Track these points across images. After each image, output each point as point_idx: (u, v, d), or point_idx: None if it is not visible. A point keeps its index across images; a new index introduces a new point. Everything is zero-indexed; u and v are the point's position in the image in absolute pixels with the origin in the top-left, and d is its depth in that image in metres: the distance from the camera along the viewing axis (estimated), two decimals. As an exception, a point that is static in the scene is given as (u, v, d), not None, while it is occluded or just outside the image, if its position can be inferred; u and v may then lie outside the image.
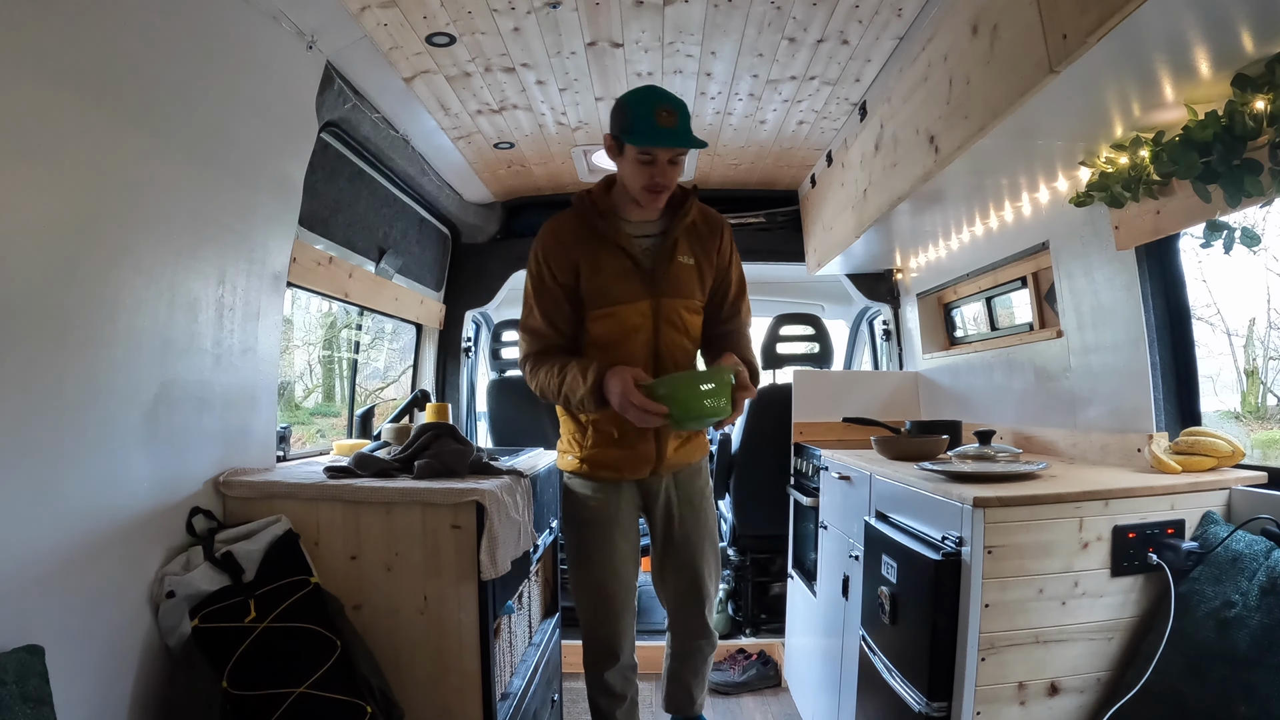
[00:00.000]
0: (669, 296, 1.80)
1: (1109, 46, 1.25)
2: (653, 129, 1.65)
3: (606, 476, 1.90)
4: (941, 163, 1.88)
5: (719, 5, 1.96)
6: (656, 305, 1.79)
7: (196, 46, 1.52)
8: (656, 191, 1.72)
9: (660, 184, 1.71)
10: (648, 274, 1.79)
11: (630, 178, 1.74)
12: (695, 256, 1.84)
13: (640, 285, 1.78)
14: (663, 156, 1.69)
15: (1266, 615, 1.29)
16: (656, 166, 1.69)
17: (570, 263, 1.78)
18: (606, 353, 1.77)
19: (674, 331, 1.82)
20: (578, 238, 1.79)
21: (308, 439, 4.34)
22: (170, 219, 1.52)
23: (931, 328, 3.19)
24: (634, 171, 1.72)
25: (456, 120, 2.65)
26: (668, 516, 1.95)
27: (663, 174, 1.70)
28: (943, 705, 1.52)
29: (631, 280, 1.78)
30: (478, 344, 4.01)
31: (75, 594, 1.29)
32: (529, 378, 1.84)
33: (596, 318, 1.80)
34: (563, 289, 1.79)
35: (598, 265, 1.78)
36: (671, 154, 1.70)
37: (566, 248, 1.78)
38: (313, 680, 1.46)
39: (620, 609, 1.95)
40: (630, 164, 1.72)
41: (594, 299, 1.79)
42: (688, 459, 1.95)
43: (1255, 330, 2.78)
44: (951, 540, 1.54)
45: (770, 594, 3.43)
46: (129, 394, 1.44)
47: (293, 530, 1.66)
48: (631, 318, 1.78)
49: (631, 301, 1.78)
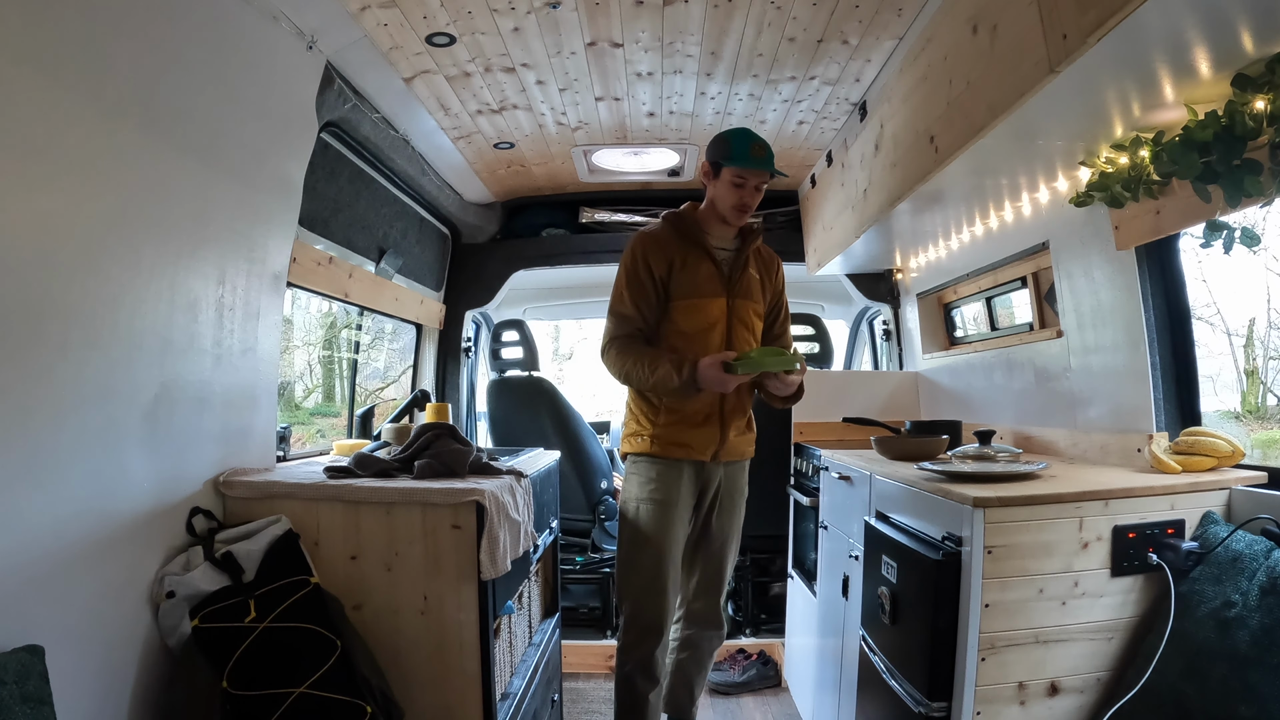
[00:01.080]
0: (741, 298, 2.12)
1: (1109, 46, 1.25)
2: (748, 156, 2.02)
3: (675, 454, 2.08)
4: (941, 163, 1.88)
5: (719, 5, 1.97)
6: (732, 304, 2.10)
7: (196, 47, 1.52)
8: (743, 210, 2.06)
9: (748, 204, 2.05)
10: (726, 278, 2.11)
11: (723, 198, 2.06)
12: (759, 273, 2.19)
13: (720, 285, 2.10)
14: (752, 181, 2.03)
15: (1266, 615, 1.29)
16: (746, 189, 2.04)
17: (666, 259, 2.07)
18: (687, 340, 2.05)
19: (743, 328, 2.12)
20: (673, 242, 2.10)
21: (308, 439, 4.34)
22: (170, 219, 1.52)
23: (931, 328, 3.19)
24: (727, 192, 2.05)
25: (456, 120, 2.65)
26: (714, 505, 2.15)
27: (750, 195, 2.05)
28: (943, 705, 1.52)
29: (714, 281, 2.09)
30: (478, 344, 4.01)
31: (75, 594, 1.30)
32: (613, 360, 2.06)
33: (682, 308, 2.08)
34: (655, 282, 2.08)
35: (689, 264, 2.08)
36: (759, 180, 2.04)
37: (664, 247, 2.08)
38: (313, 680, 1.46)
39: (670, 588, 2.09)
40: (725, 186, 2.05)
41: (683, 291, 2.07)
42: (743, 451, 2.18)
43: (1255, 330, 2.78)
44: (951, 540, 1.53)
45: (770, 594, 3.43)
46: (129, 394, 1.44)
47: (293, 530, 1.66)
48: (711, 310, 2.08)
49: (713, 297, 2.08)
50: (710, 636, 2.22)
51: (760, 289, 2.18)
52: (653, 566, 2.06)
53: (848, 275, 3.53)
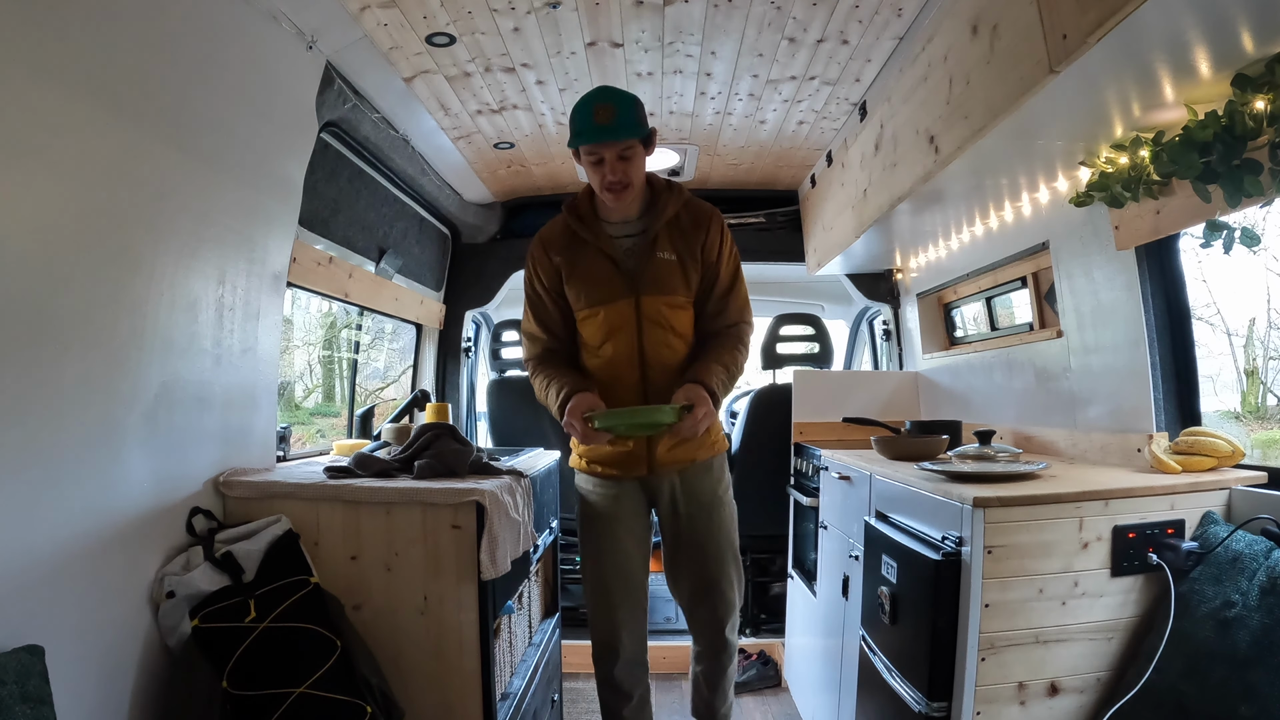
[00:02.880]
0: (650, 294, 1.81)
1: (1109, 46, 1.25)
2: (587, 128, 1.69)
3: (607, 473, 1.93)
4: (941, 163, 1.88)
5: (719, 5, 1.96)
6: (638, 304, 1.81)
7: (196, 47, 1.52)
8: (614, 190, 1.74)
9: (614, 181, 1.72)
10: (629, 274, 1.81)
11: (591, 181, 1.78)
12: (678, 252, 1.83)
13: (622, 285, 1.81)
14: (608, 154, 1.70)
15: (1266, 615, 1.29)
16: (606, 165, 1.71)
17: (553, 268, 1.85)
18: (595, 354, 1.86)
19: (658, 329, 1.82)
20: (562, 243, 1.85)
21: (308, 439, 4.33)
22: (170, 219, 1.52)
23: (931, 328, 3.19)
24: (590, 173, 1.76)
25: (456, 120, 2.65)
26: (674, 514, 1.94)
27: (613, 171, 1.71)
28: (943, 705, 1.52)
29: (613, 282, 1.81)
30: (478, 344, 4.01)
31: (75, 594, 1.29)
32: (532, 379, 1.92)
33: (583, 319, 1.86)
34: (550, 294, 1.87)
35: (577, 269, 1.83)
36: (619, 149, 1.70)
37: (550, 254, 1.85)
38: (313, 680, 1.46)
39: (617, 603, 1.93)
40: (586, 167, 1.76)
41: (577, 301, 1.85)
42: (689, 456, 1.90)
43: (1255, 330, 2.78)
44: (951, 540, 1.53)
45: (770, 594, 3.43)
46: (129, 394, 1.44)
47: (293, 530, 1.66)
48: (613, 318, 1.82)
49: (612, 302, 1.81)
50: (714, 656, 2.02)
51: (680, 273, 1.82)
52: (597, 584, 1.94)
53: (848, 275, 3.53)
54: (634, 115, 1.72)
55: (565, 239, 1.85)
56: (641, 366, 1.83)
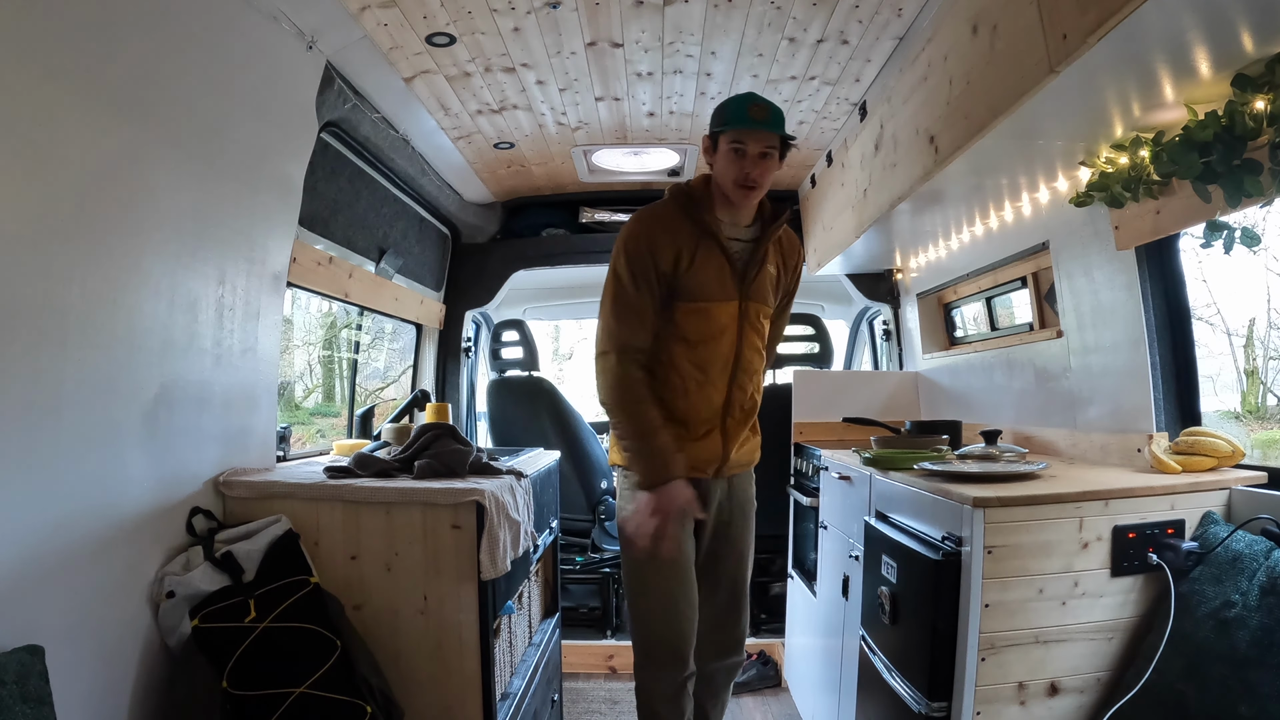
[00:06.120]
0: (756, 300, 1.83)
1: (1109, 46, 1.25)
2: (745, 116, 1.70)
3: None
4: (941, 163, 1.88)
5: (719, 5, 1.96)
6: (744, 308, 1.81)
7: (196, 46, 1.52)
8: (748, 186, 1.73)
9: (751, 177, 1.72)
10: (740, 276, 1.80)
11: (723, 172, 1.75)
12: (778, 268, 1.89)
13: (733, 285, 1.79)
14: (753, 149, 1.71)
15: (1266, 615, 1.29)
16: (747, 159, 1.71)
17: (674, 250, 1.75)
18: (692, 349, 1.78)
19: (753, 334, 1.84)
20: (682, 228, 1.77)
21: (308, 439, 4.34)
22: (170, 219, 1.52)
23: (931, 328, 3.19)
24: (726, 165, 1.73)
25: (456, 120, 2.65)
26: (720, 521, 1.88)
27: (754, 165, 1.71)
28: (943, 705, 1.52)
29: (726, 279, 1.78)
30: (478, 344, 4.01)
31: (75, 594, 1.30)
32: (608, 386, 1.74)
33: (688, 311, 1.78)
34: (661, 281, 1.75)
35: (699, 257, 1.76)
36: (761, 146, 1.71)
37: (672, 235, 1.75)
38: (313, 680, 1.46)
39: (690, 608, 1.80)
40: (723, 158, 1.74)
41: (690, 292, 1.76)
42: (748, 459, 1.93)
43: (1255, 330, 2.78)
44: (951, 540, 1.53)
45: (770, 594, 3.43)
46: (129, 394, 1.44)
47: (293, 530, 1.66)
48: (721, 316, 1.79)
49: (724, 300, 1.79)
50: (732, 665, 1.94)
51: (774, 287, 1.88)
52: (664, 585, 1.77)
53: (848, 275, 3.53)
54: (781, 120, 1.75)
55: (688, 226, 1.77)
56: (734, 367, 1.82)
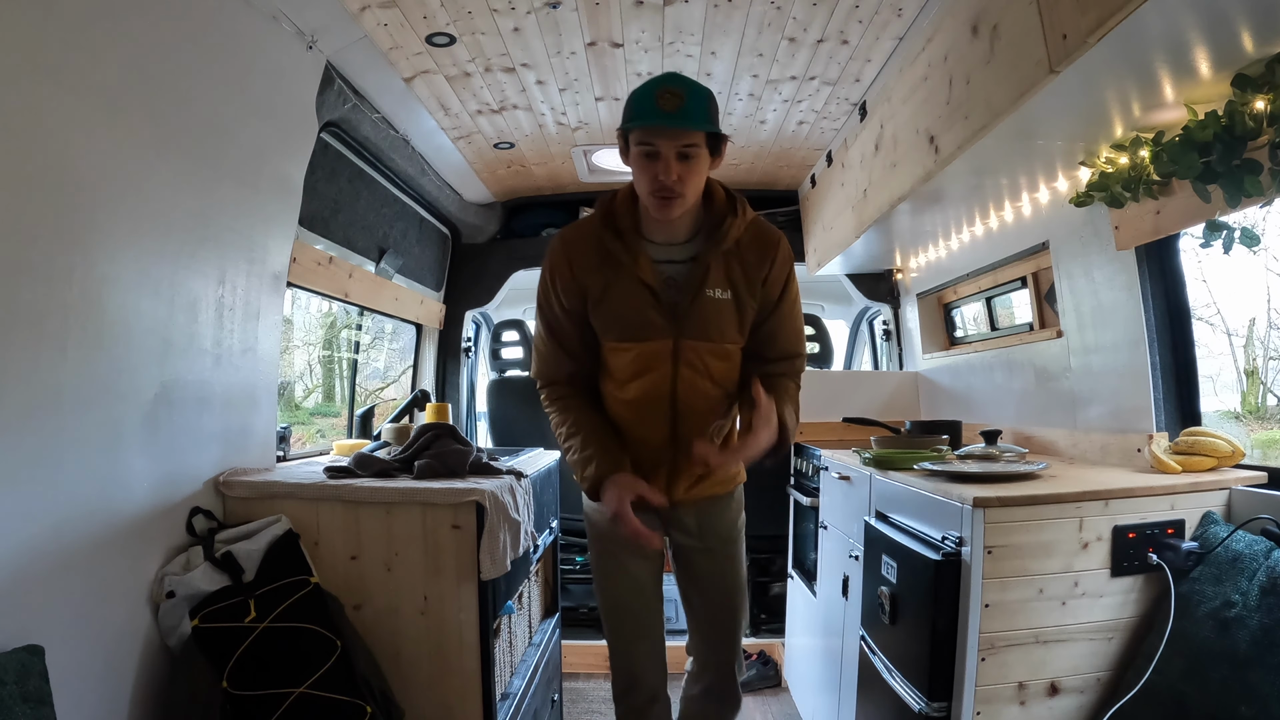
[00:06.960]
0: (693, 338, 1.50)
1: (1109, 46, 1.25)
2: (647, 110, 1.36)
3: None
4: (941, 163, 1.88)
5: (719, 5, 1.96)
6: (677, 347, 1.50)
7: (196, 46, 1.52)
8: (664, 197, 1.40)
9: (665, 185, 1.38)
10: (670, 308, 1.49)
11: (637, 181, 1.44)
12: (734, 288, 1.51)
13: (660, 323, 1.49)
14: (667, 150, 1.37)
15: (1266, 615, 1.29)
16: (660, 162, 1.37)
17: (577, 289, 1.51)
18: (620, 388, 1.56)
19: (694, 375, 1.53)
20: (591, 260, 1.50)
21: (308, 439, 4.33)
22: (170, 219, 1.52)
23: (931, 328, 3.19)
24: (638, 171, 1.42)
25: (456, 120, 2.65)
26: (691, 547, 1.69)
27: (667, 171, 1.37)
28: (943, 705, 1.52)
29: (650, 318, 1.49)
30: (478, 344, 4.01)
31: (75, 594, 1.30)
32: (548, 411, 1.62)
33: (613, 350, 1.54)
34: (570, 315, 1.53)
35: (608, 296, 1.50)
36: (677, 145, 1.37)
37: (575, 271, 1.50)
38: (313, 680, 1.46)
39: (631, 635, 1.69)
40: (634, 162, 1.42)
41: (606, 329, 1.53)
42: (708, 493, 1.66)
43: (1255, 330, 2.78)
44: (951, 540, 1.53)
45: (770, 594, 3.43)
46: (129, 394, 1.44)
47: (293, 530, 1.66)
48: (647, 357, 1.51)
49: (646, 340, 1.50)
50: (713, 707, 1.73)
51: (734, 314, 1.51)
52: (612, 616, 1.69)
53: (848, 275, 3.53)
54: (704, 107, 1.39)
55: (596, 255, 1.49)
56: (672, 412, 1.55)
